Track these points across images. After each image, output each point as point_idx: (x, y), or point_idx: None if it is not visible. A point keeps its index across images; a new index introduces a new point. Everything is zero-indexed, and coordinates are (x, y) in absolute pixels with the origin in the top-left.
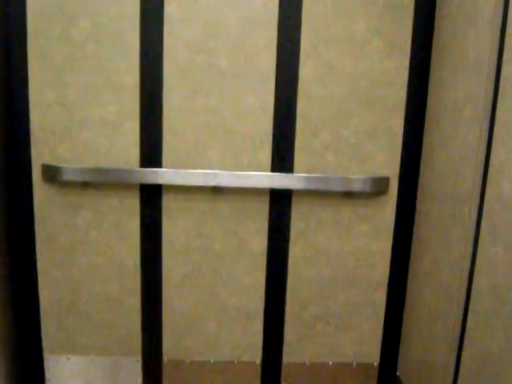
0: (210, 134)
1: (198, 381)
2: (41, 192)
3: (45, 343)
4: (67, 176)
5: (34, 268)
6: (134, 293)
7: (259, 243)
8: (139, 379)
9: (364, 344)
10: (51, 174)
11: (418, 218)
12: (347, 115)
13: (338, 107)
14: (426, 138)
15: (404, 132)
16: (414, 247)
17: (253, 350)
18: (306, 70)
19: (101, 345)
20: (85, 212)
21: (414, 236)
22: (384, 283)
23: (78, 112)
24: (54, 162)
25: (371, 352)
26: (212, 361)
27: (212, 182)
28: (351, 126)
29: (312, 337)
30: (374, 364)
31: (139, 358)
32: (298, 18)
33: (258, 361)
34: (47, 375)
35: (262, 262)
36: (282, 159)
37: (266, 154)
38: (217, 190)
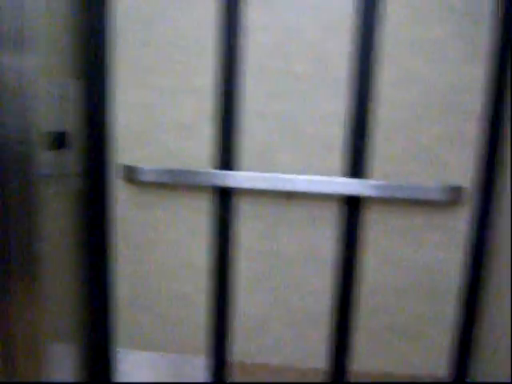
0: (283, 138)
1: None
2: (119, 192)
3: (117, 337)
4: (144, 176)
5: (110, 265)
6: (204, 293)
7: (329, 249)
8: (204, 378)
9: (433, 356)
10: (129, 174)
11: (493, 230)
12: (423, 121)
13: (414, 113)
14: (505, 147)
15: (482, 140)
16: (489, 260)
17: (318, 356)
18: (382, 74)
19: (170, 342)
20: (160, 212)
21: (489, 248)
22: (455, 295)
23: (157, 115)
24: (132, 163)
25: (440, 365)
26: (277, 364)
27: (285, 187)
28: (427, 132)
29: (379, 346)
30: (443, 377)
31: (206, 357)
32: (375, 23)
33: (324, 367)
34: (119, 367)
35: (331, 268)
36: (355, 165)
37: (339, 159)
38: (288, 195)
